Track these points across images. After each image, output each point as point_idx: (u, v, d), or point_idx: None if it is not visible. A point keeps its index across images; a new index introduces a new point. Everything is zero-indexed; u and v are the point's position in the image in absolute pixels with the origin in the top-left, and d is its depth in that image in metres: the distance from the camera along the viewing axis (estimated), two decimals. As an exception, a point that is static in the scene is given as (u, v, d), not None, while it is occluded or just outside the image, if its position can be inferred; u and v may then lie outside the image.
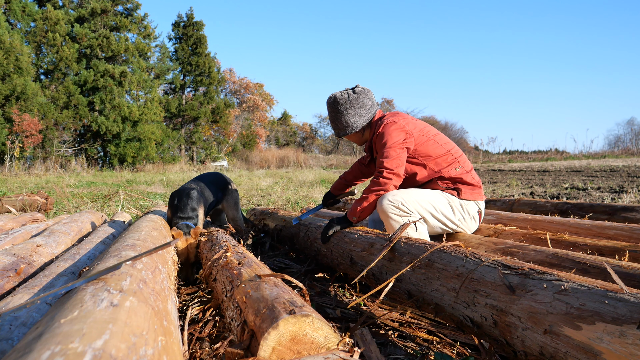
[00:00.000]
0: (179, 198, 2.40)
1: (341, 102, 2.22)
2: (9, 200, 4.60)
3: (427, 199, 2.08)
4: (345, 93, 2.24)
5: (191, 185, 2.57)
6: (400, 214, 2.02)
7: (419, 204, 2.06)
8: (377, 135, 2.17)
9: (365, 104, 2.23)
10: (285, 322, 0.89)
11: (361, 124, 2.24)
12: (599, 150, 31.36)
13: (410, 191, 2.09)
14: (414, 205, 2.04)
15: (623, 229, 2.00)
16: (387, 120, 2.16)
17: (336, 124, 2.28)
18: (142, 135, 23.91)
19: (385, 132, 2.11)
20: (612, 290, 0.87)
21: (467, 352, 1.41)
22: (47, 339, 0.57)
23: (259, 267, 1.42)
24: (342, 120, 2.24)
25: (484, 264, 1.20)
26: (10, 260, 1.54)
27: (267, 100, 39.32)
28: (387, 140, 2.09)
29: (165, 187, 9.42)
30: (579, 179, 8.89)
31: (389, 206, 2.03)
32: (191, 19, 29.28)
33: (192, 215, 2.36)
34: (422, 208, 2.06)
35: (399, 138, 2.09)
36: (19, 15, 21.39)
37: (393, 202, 2.03)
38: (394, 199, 2.03)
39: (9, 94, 18.54)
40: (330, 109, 2.28)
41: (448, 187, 2.15)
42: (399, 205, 2.02)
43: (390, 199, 2.03)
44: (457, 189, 2.15)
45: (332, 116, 2.29)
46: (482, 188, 2.24)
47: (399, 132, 2.10)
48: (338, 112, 2.24)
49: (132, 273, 0.96)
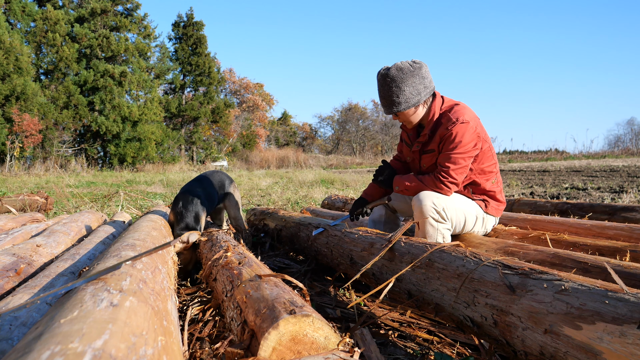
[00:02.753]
0: (183, 203, 2.38)
1: (405, 71, 1.96)
2: (9, 200, 4.60)
3: (462, 209, 2.03)
4: (406, 62, 2.00)
5: (196, 188, 2.54)
6: (438, 219, 1.96)
7: (456, 213, 2.01)
8: (447, 132, 1.97)
9: (427, 76, 2.01)
10: (285, 322, 0.89)
11: (424, 97, 2.02)
12: (599, 150, 31.39)
13: (452, 198, 2.01)
14: (452, 212, 1.99)
15: (623, 229, 2.00)
16: (461, 117, 1.97)
17: (397, 96, 1.98)
18: (142, 135, 23.91)
19: (459, 133, 1.94)
20: (612, 290, 0.87)
21: (467, 352, 1.41)
22: (47, 339, 0.57)
23: (259, 267, 1.42)
24: (406, 91, 1.97)
25: (484, 264, 1.20)
26: (10, 260, 1.54)
27: (267, 100, 39.33)
28: (459, 145, 1.95)
29: (165, 187, 9.41)
30: (579, 179, 8.89)
31: (431, 209, 1.94)
32: (191, 19, 29.28)
33: (195, 226, 2.34)
34: (457, 217, 2.02)
35: (471, 144, 1.96)
36: (19, 15, 21.39)
37: (437, 205, 1.94)
38: (438, 203, 1.95)
39: (9, 94, 18.54)
40: (389, 80, 1.98)
41: (476, 198, 2.11)
42: (440, 211, 1.95)
43: (435, 202, 1.94)
44: (486, 201, 2.11)
45: (390, 88, 1.99)
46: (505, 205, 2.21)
47: (472, 137, 1.96)
48: (402, 81, 1.96)
49: (132, 273, 0.96)
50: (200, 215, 2.39)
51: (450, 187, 1.99)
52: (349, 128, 42.30)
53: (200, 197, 2.45)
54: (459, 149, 1.96)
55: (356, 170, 19.74)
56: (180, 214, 2.35)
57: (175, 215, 2.39)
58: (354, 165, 28.37)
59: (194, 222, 2.33)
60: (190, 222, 2.32)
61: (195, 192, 2.48)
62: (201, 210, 2.40)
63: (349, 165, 28.43)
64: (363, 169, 21.71)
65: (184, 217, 2.33)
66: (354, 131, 41.75)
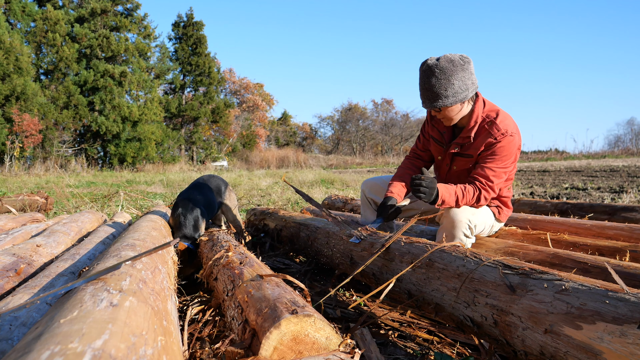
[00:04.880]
0: (183, 212, 2.36)
1: (456, 63, 1.85)
2: (9, 200, 4.60)
3: (484, 221, 2.05)
4: (456, 55, 1.90)
5: (197, 197, 2.51)
6: (469, 235, 1.98)
7: (480, 227, 2.03)
8: (495, 142, 1.93)
9: (473, 72, 1.94)
10: (287, 322, 0.89)
11: (471, 93, 1.92)
12: (599, 150, 31.41)
13: (481, 212, 2.03)
14: (479, 228, 2.01)
15: (623, 229, 2.00)
16: (510, 129, 1.93)
17: (445, 89, 1.86)
18: (142, 135, 23.91)
19: (507, 146, 1.91)
20: (613, 290, 0.87)
21: (467, 352, 1.41)
22: (47, 339, 0.57)
23: (260, 267, 1.42)
24: (455, 84, 1.85)
25: (485, 264, 1.20)
26: (10, 260, 1.54)
27: (267, 100, 39.35)
28: (505, 159, 1.93)
29: (165, 187, 9.41)
30: (579, 179, 8.89)
31: (465, 225, 1.95)
32: (191, 19, 29.29)
33: (194, 234, 2.32)
34: (479, 230, 2.05)
35: (513, 157, 1.95)
36: (19, 15, 21.40)
37: (471, 222, 1.95)
38: (473, 219, 1.95)
39: (9, 94, 18.55)
40: (439, 71, 1.85)
41: (492, 205, 2.11)
42: (472, 227, 1.96)
43: (470, 219, 1.95)
44: (499, 207, 2.11)
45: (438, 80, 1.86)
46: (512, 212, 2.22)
47: (516, 151, 1.95)
48: (452, 74, 1.84)
49: (131, 273, 0.96)
50: (200, 225, 2.38)
51: (489, 200, 1.99)
52: (349, 128, 42.32)
53: (199, 206, 2.44)
54: (504, 162, 1.93)
55: (356, 170, 19.75)
56: (179, 221, 2.34)
57: (174, 221, 2.39)
58: (354, 165, 28.38)
59: (192, 230, 2.32)
60: (189, 231, 2.31)
61: (195, 199, 2.47)
62: (200, 219, 2.40)
63: (349, 165, 28.44)
64: (363, 169, 21.72)
65: (182, 225, 2.32)
66: (354, 131, 41.77)
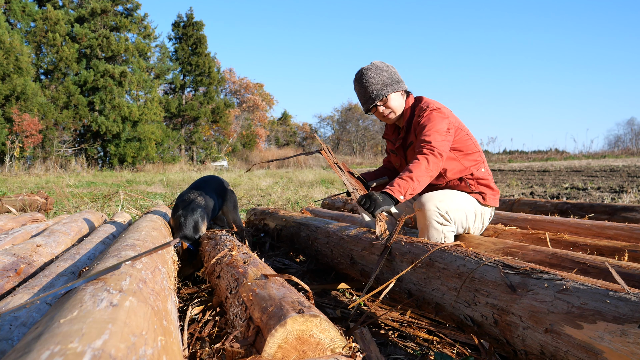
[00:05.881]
0: (184, 213, 2.35)
1: (378, 64, 2.11)
2: (9, 200, 4.60)
3: (464, 208, 2.03)
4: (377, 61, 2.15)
5: (198, 198, 2.49)
6: (443, 222, 1.96)
7: (458, 214, 2.00)
8: (420, 119, 2.05)
9: (398, 73, 2.15)
10: (293, 321, 0.89)
11: (403, 87, 2.13)
12: (599, 150, 31.41)
13: (454, 198, 2.01)
14: (455, 214, 1.99)
15: (623, 229, 2.00)
16: (431, 105, 2.08)
17: (376, 83, 2.07)
18: (142, 135, 23.91)
19: (431, 117, 2.02)
20: (613, 290, 0.87)
21: (467, 352, 1.41)
22: (47, 339, 0.57)
23: (264, 267, 1.42)
24: (384, 76, 2.08)
25: (485, 264, 1.20)
26: (10, 260, 1.54)
27: (267, 100, 39.34)
28: (435, 124, 2.00)
29: (165, 187, 9.41)
30: (579, 179, 8.89)
31: (435, 213, 1.94)
32: (191, 19, 29.29)
33: (194, 236, 2.31)
34: (459, 218, 2.02)
35: (443, 126, 2.01)
36: (19, 15, 21.40)
37: (440, 209, 1.94)
38: (441, 206, 1.94)
39: (9, 94, 18.55)
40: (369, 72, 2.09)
41: (474, 191, 2.10)
42: (444, 214, 1.95)
43: (438, 206, 1.94)
44: (483, 193, 2.11)
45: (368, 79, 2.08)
46: (499, 194, 2.21)
47: (443, 120, 2.02)
48: (380, 71, 2.08)
49: (131, 273, 0.96)
50: (200, 226, 2.36)
51: (441, 163, 1.96)
52: (349, 128, 42.33)
53: (200, 207, 2.42)
54: (435, 127, 2.00)
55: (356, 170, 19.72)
56: (180, 222, 2.33)
57: (175, 222, 2.39)
58: (354, 165, 28.39)
59: (193, 231, 2.31)
60: (189, 232, 2.30)
61: (196, 200, 2.46)
62: (201, 220, 2.38)
63: (349, 165, 28.38)
64: (363, 169, 21.68)
65: (182, 226, 2.31)
66: (354, 131, 41.78)
